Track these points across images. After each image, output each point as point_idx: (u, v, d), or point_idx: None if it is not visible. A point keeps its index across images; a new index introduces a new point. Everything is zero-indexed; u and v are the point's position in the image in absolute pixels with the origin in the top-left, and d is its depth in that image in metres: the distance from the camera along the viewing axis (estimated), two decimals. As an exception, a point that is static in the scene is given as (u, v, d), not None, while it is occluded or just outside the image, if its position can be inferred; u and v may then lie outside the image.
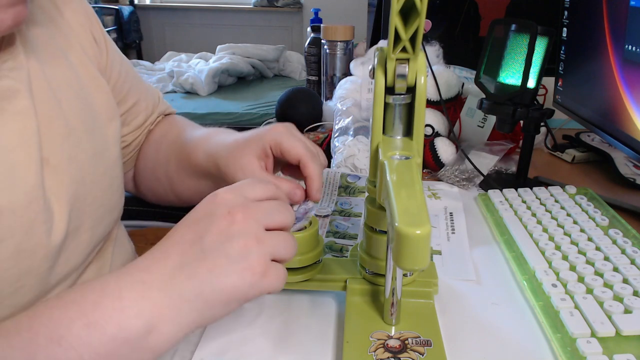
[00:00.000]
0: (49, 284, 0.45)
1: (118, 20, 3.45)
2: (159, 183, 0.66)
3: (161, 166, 0.64)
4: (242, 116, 2.23)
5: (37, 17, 0.50)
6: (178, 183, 0.63)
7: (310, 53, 1.21)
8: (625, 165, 0.81)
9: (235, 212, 0.36)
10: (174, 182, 0.63)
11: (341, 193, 0.74)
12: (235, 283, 0.35)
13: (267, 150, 0.50)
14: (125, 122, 0.63)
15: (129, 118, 0.64)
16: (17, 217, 0.41)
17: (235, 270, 0.35)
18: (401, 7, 0.35)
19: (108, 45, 0.59)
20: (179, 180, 0.63)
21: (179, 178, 0.62)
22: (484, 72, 0.71)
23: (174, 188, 0.64)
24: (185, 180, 0.62)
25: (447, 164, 0.79)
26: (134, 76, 0.64)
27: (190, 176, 0.60)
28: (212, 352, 0.43)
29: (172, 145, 0.63)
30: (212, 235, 0.36)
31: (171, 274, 0.35)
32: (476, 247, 0.60)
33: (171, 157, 0.62)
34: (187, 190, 0.63)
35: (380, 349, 0.41)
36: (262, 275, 0.36)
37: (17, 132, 0.42)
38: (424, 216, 0.32)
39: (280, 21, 3.75)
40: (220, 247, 0.35)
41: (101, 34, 0.58)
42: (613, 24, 0.68)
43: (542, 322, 0.45)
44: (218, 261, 0.35)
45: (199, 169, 0.57)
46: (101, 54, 0.58)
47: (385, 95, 0.42)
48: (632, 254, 0.52)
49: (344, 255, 0.58)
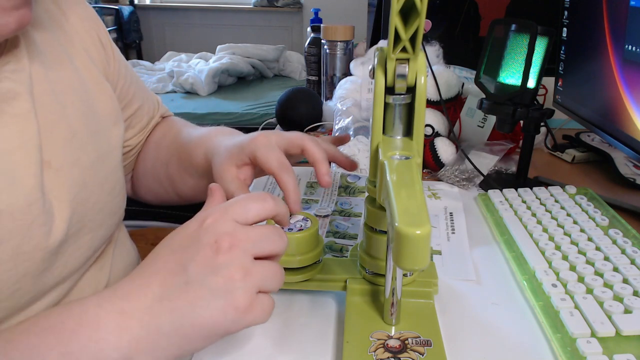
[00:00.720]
0: (47, 285, 0.45)
1: (118, 20, 3.45)
2: (160, 184, 0.66)
3: (162, 166, 0.64)
4: (242, 116, 2.23)
5: (43, 20, 0.50)
6: (180, 183, 0.63)
7: (310, 53, 1.21)
8: (625, 165, 0.81)
9: (222, 240, 0.35)
10: (175, 182, 0.63)
11: (341, 193, 0.74)
12: (217, 319, 0.34)
13: (245, 160, 0.50)
14: (130, 125, 0.64)
15: (134, 121, 0.64)
16: (15, 220, 0.41)
17: (217, 307, 0.34)
18: (401, 7, 0.35)
19: (114, 50, 0.60)
20: (180, 180, 0.63)
21: (180, 178, 0.62)
22: (484, 72, 0.71)
23: (176, 188, 0.64)
24: (187, 180, 0.62)
25: (447, 164, 0.79)
26: (137, 80, 0.65)
27: (192, 175, 0.60)
28: (212, 352, 0.43)
29: (172, 145, 0.63)
30: (197, 267, 0.34)
31: (150, 306, 0.34)
32: (476, 247, 0.60)
33: (172, 157, 0.62)
34: (189, 190, 0.63)
35: (380, 349, 0.41)
36: (245, 311, 0.34)
37: (17, 135, 0.42)
38: (424, 216, 0.32)
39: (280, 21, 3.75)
40: (203, 279, 0.34)
41: (107, 39, 0.59)
42: (613, 24, 0.68)
43: (542, 322, 0.45)
44: (200, 294, 0.34)
45: (200, 169, 0.57)
46: (108, 59, 0.58)
47: (385, 95, 0.42)
48: (632, 254, 0.52)
49: (344, 255, 0.58)
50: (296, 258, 0.47)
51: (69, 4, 0.54)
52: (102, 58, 0.57)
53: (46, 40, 0.49)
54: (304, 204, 0.70)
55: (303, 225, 0.48)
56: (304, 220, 0.49)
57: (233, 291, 0.34)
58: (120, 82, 0.60)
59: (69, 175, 0.46)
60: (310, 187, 0.76)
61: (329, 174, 0.49)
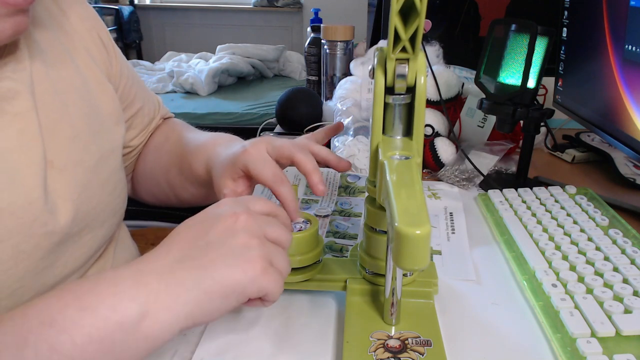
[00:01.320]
0: (48, 284, 0.45)
1: (118, 20, 3.45)
2: (159, 187, 0.66)
3: (162, 172, 0.64)
4: (242, 116, 2.23)
5: (44, 19, 0.50)
6: (180, 189, 0.63)
7: (310, 53, 1.21)
8: (625, 165, 0.82)
9: (240, 213, 0.38)
10: (175, 188, 0.63)
11: (341, 193, 0.74)
12: (236, 275, 0.35)
13: (240, 173, 0.50)
14: (132, 125, 0.64)
15: (135, 122, 0.64)
16: (16, 219, 0.41)
17: (237, 263, 0.36)
18: (401, 7, 0.35)
19: (116, 50, 0.60)
20: (181, 187, 0.63)
21: (181, 185, 0.62)
22: (484, 72, 0.71)
23: (176, 193, 0.64)
24: (188, 188, 0.62)
25: (447, 164, 0.79)
26: (138, 80, 0.65)
27: (193, 184, 0.60)
28: (212, 352, 0.43)
29: (173, 151, 0.63)
30: (217, 231, 0.37)
31: (171, 266, 0.35)
32: (476, 247, 0.60)
33: (172, 165, 0.62)
34: (190, 197, 0.63)
35: (380, 349, 0.41)
36: (262, 272, 0.36)
37: (17, 134, 0.42)
38: (424, 216, 0.32)
39: (280, 21, 3.75)
40: (224, 240, 0.36)
41: (109, 39, 0.59)
42: (613, 24, 0.68)
43: (542, 322, 0.45)
44: (221, 251, 0.36)
45: (200, 179, 0.57)
46: (110, 60, 0.58)
47: (385, 95, 0.42)
48: (632, 254, 0.52)
49: (344, 255, 0.58)
50: (296, 258, 0.47)
51: (69, 4, 0.54)
52: (103, 58, 0.57)
53: (47, 39, 0.49)
54: (304, 204, 0.70)
55: (303, 226, 0.48)
56: (304, 223, 0.49)
57: (251, 251, 0.36)
58: (122, 82, 0.60)
59: (72, 175, 0.46)
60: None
61: (322, 182, 0.49)
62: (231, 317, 0.47)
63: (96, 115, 0.52)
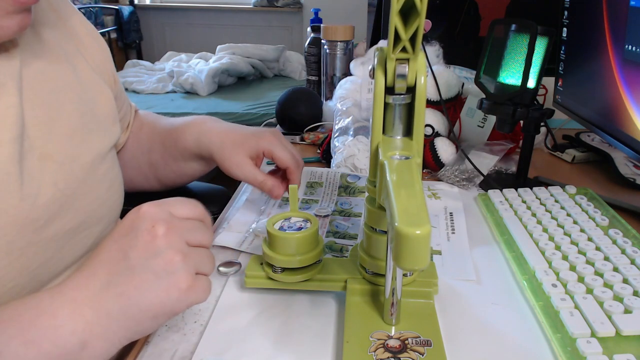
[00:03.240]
0: (43, 282, 0.46)
1: (118, 20, 3.45)
2: (139, 171, 0.70)
3: (143, 155, 0.69)
4: (242, 116, 2.23)
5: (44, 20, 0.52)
6: (162, 168, 0.68)
7: (310, 53, 1.21)
8: (625, 165, 0.82)
9: (159, 226, 0.36)
10: (157, 167, 0.68)
11: (341, 193, 0.74)
12: (162, 300, 0.36)
13: (259, 154, 0.60)
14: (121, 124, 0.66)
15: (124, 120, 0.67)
16: (8, 217, 0.42)
17: (161, 287, 0.35)
18: (401, 7, 0.35)
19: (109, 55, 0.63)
20: (163, 165, 0.67)
21: (164, 163, 0.67)
22: (484, 72, 0.71)
23: (157, 173, 0.69)
24: (170, 164, 0.67)
25: (447, 164, 0.79)
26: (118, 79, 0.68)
27: (177, 160, 0.66)
28: (212, 352, 0.43)
29: (152, 133, 0.69)
30: (137, 252, 0.36)
31: (99, 293, 0.35)
32: (476, 247, 0.60)
33: (154, 145, 0.67)
34: (171, 174, 0.68)
35: (380, 349, 0.41)
36: (188, 290, 0.36)
37: None
38: (424, 216, 0.32)
39: (280, 21, 3.75)
40: (145, 263, 0.36)
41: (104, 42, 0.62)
42: (613, 24, 0.68)
43: (542, 322, 0.45)
44: (144, 277, 0.35)
45: (186, 153, 0.64)
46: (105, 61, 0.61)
47: (385, 95, 0.42)
48: (632, 254, 0.52)
49: (344, 255, 0.58)
50: (296, 258, 0.47)
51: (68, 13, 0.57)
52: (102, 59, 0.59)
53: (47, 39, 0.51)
54: (304, 204, 0.70)
55: (303, 226, 0.48)
56: (304, 223, 0.49)
57: (175, 272, 0.36)
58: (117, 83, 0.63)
59: (70, 170, 0.48)
60: (310, 187, 0.76)
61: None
62: (231, 317, 0.47)
63: (93, 115, 0.53)
